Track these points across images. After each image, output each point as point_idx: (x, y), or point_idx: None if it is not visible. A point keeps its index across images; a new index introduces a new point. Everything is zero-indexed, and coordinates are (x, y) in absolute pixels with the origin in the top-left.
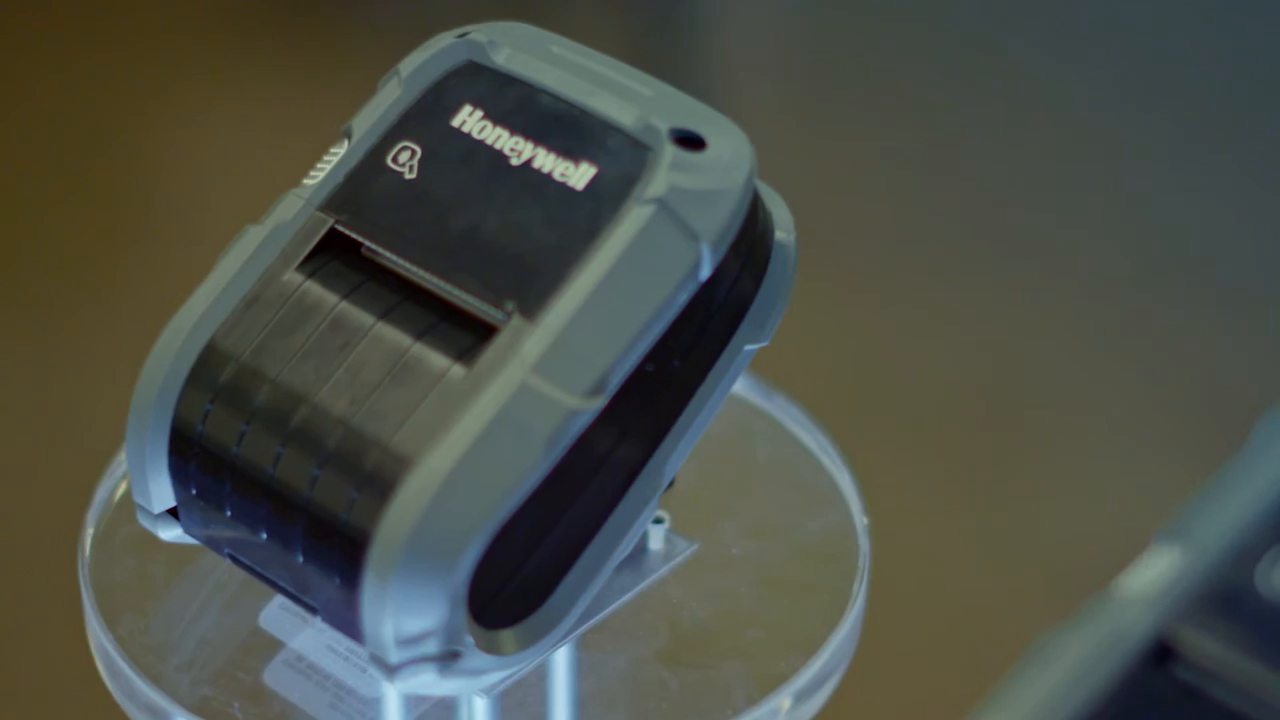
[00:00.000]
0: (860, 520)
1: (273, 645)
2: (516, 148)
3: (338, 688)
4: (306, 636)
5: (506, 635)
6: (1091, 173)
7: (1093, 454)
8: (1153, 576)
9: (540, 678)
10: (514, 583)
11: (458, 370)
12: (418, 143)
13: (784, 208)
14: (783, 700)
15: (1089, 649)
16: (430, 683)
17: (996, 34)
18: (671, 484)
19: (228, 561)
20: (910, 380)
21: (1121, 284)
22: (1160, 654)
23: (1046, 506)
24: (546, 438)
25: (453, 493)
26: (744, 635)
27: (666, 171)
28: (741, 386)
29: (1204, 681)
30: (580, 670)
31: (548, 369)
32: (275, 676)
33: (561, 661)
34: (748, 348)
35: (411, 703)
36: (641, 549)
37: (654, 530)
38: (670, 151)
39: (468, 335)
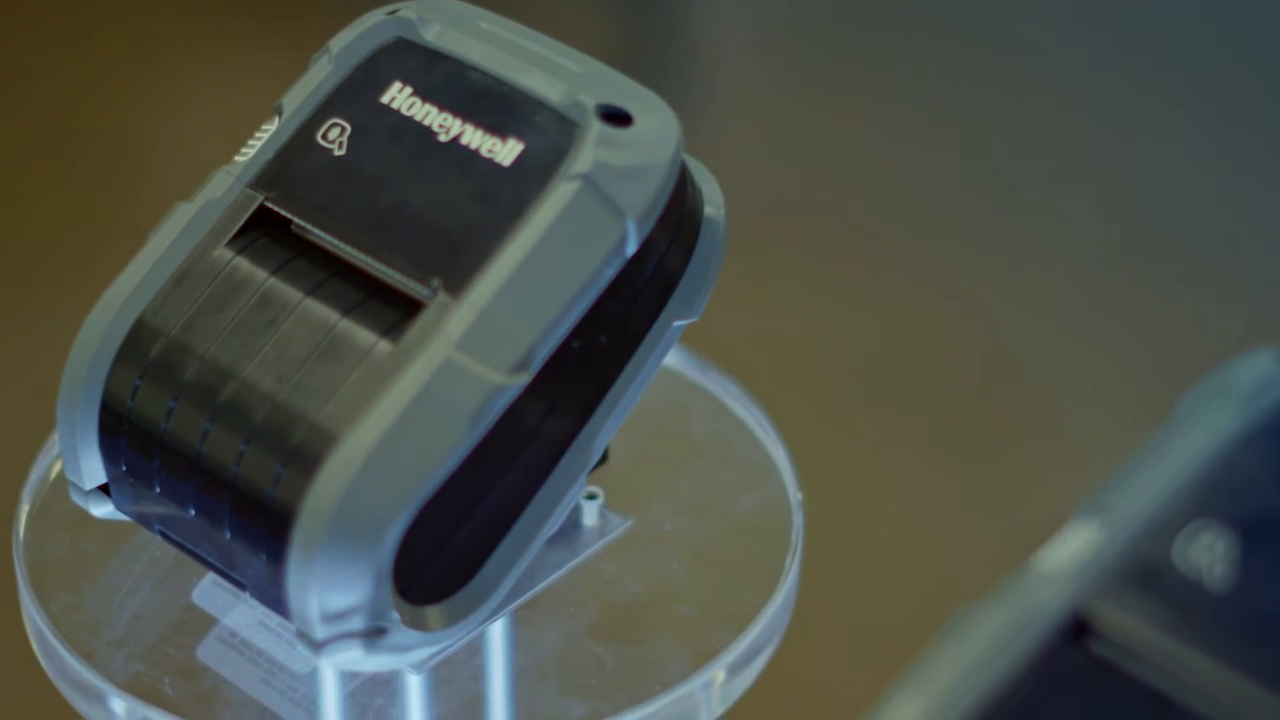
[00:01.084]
0: (794, 495)
1: (207, 621)
2: (445, 124)
3: (270, 663)
4: (240, 613)
5: (433, 611)
6: (1071, 146)
7: (1037, 433)
8: (1070, 552)
9: (472, 653)
10: (440, 559)
11: (384, 346)
12: (347, 119)
13: (714, 183)
14: (715, 674)
15: (1005, 624)
16: (357, 659)
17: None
18: (605, 460)
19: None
20: (850, 356)
21: (1089, 261)
22: (1077, 629)
23: (984, 482)
24: (471, 414)
25: (377, 469)
26: (677, 611)
27: (592, 148)
28: (678, 361)
29: (1119, 657)
30: (513, 646)
31: (472, 345)
32: (209, 653)
33: (494, 637)
34: (676, 323)
35: (344, 678)
36: (575, 525)
37: (588, 506)
38: (597, 128)
39: (394, 312)
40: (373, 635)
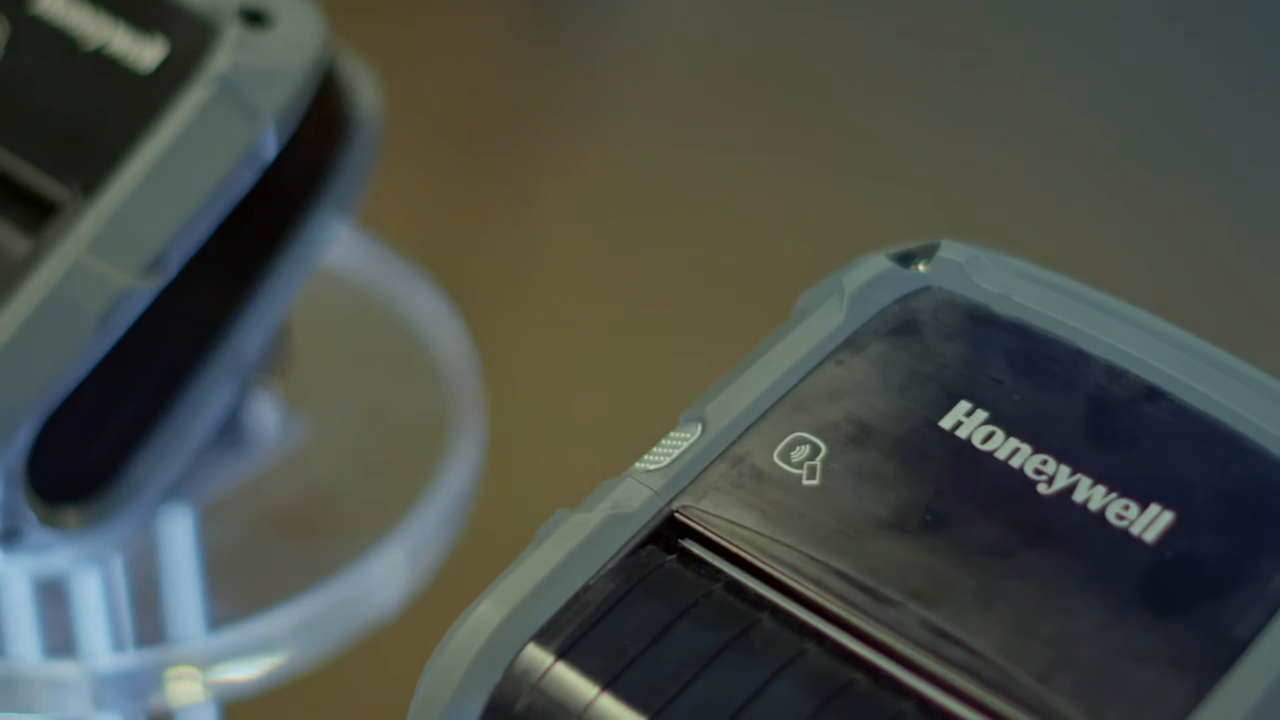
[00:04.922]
0: (476, 397)
1: None
2: (92, 28)
3: None
4: None
5: (72, 512)
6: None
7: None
8: (669, 455)
9: (145, 552)
10: (82, 459)
11: (21, 247)
12: (1, 26)
13: (370, 86)
14: (387, 562)
15: (595, 528)
16: None
17: None
18: (285, 362)
19: None
20: (562, 262)
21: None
22: (669, 529)
23: (678, 383)
24: (99, 316)
25: (3, 370)
26: (344, 512)
27: (230, 50)
28: (370, 261)
29: (710, 553)
30: (184, 547)
31: (102, 247)
32: None
33: (163, 538)
34: (328, 226)
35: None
36: (246, 428)
37: (260, 409)
38: (235, 30)
39: (34, 214)
40: (9, 536)
